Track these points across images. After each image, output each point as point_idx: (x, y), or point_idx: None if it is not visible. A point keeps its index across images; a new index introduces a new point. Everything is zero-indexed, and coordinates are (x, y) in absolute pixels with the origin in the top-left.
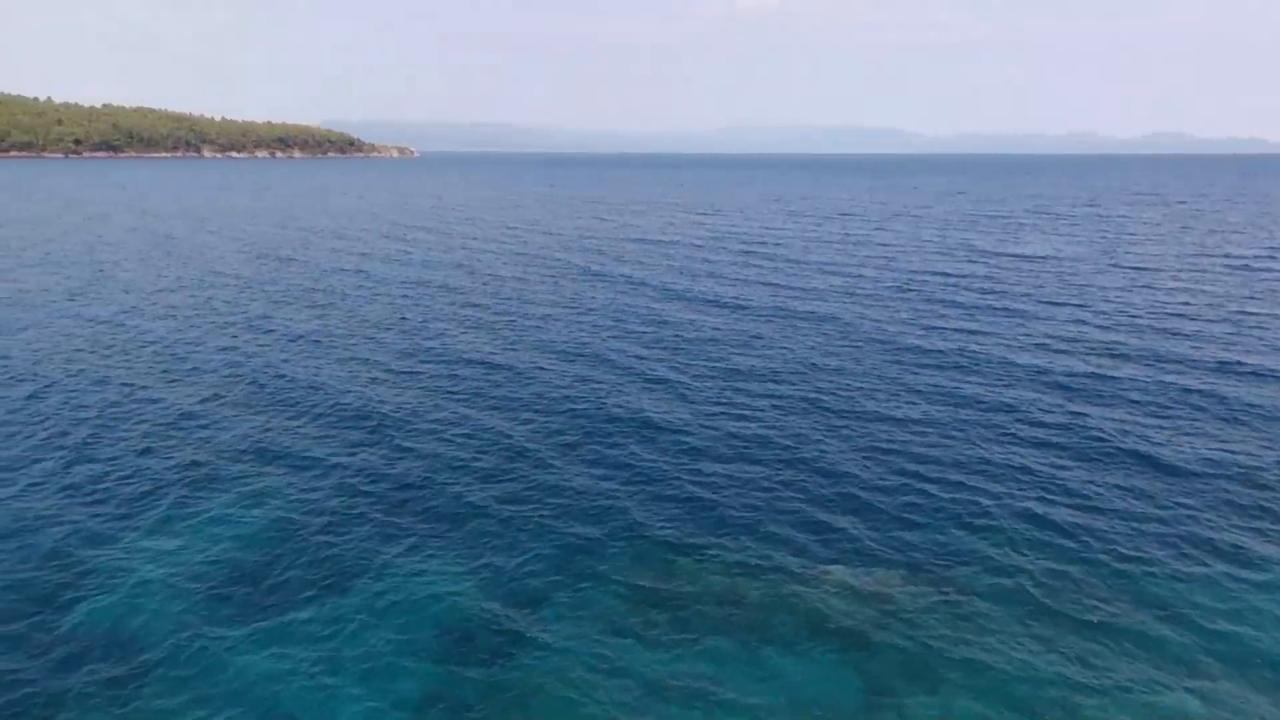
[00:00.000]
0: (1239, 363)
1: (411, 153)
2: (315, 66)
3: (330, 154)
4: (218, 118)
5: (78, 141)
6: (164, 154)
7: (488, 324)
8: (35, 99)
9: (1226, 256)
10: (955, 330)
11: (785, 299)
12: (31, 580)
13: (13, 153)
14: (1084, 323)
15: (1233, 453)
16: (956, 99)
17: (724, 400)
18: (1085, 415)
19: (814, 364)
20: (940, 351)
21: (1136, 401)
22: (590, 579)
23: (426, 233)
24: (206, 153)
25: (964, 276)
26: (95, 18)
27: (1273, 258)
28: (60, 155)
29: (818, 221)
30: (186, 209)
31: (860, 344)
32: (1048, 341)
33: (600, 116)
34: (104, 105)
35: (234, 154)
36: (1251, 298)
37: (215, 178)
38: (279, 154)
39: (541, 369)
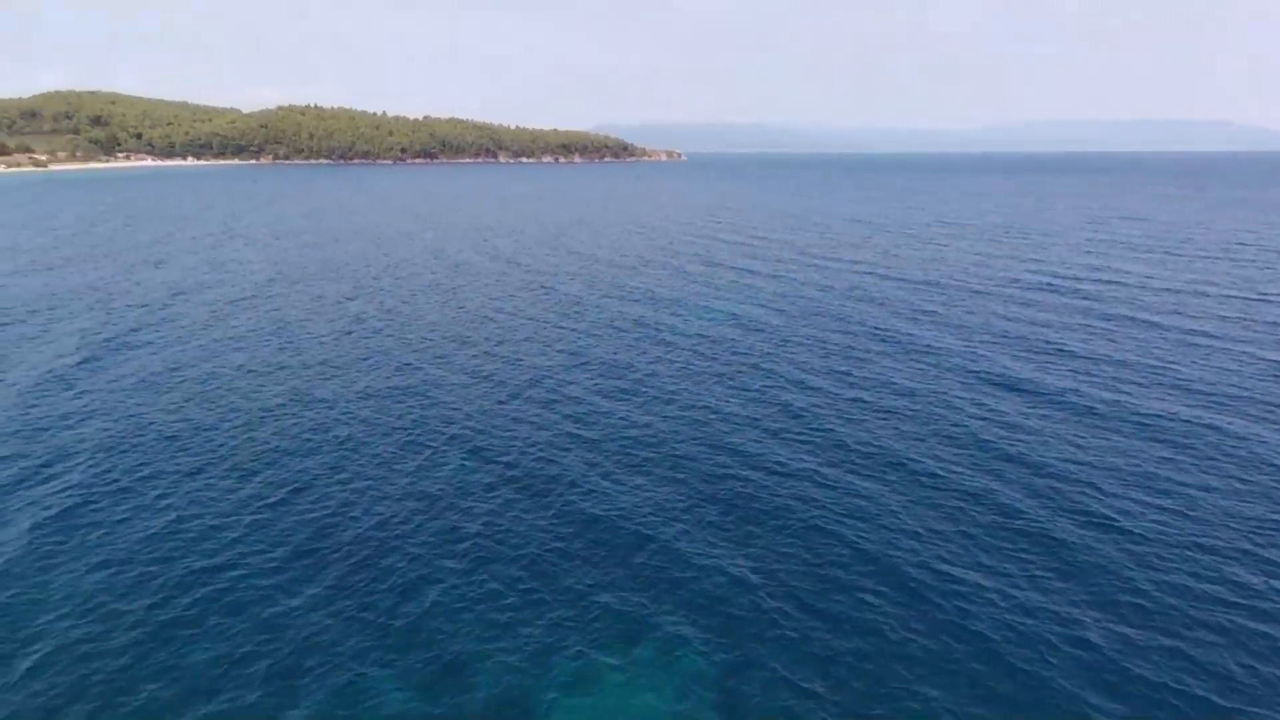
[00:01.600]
0: None
1: (679, 156)
2: (587, 71)
3: (606, 158)
4: (512, 126)
5: (403, 150)
6: (468, 159)
7: (808, 416)
8: (374, 114)
9: None
10: None
11: (1180, 400)
12: None
13: (355, 160)
14: None
15: None
16: None
17: (1195, 597)
18: None
19: None
20: None
21: None
22: None
23: (706, 266)
24: (502, 158)
25: None
26: (411, 33)
27: None
28: (389, 162)
29: (1162, 258)
30: (489, 226)
31: None
32: None
33: (855, 112)
34: (424, 118)
35: (524, 159)
36: None
37: (513, 183)
38: (561, 159)
39: (904, 500)
